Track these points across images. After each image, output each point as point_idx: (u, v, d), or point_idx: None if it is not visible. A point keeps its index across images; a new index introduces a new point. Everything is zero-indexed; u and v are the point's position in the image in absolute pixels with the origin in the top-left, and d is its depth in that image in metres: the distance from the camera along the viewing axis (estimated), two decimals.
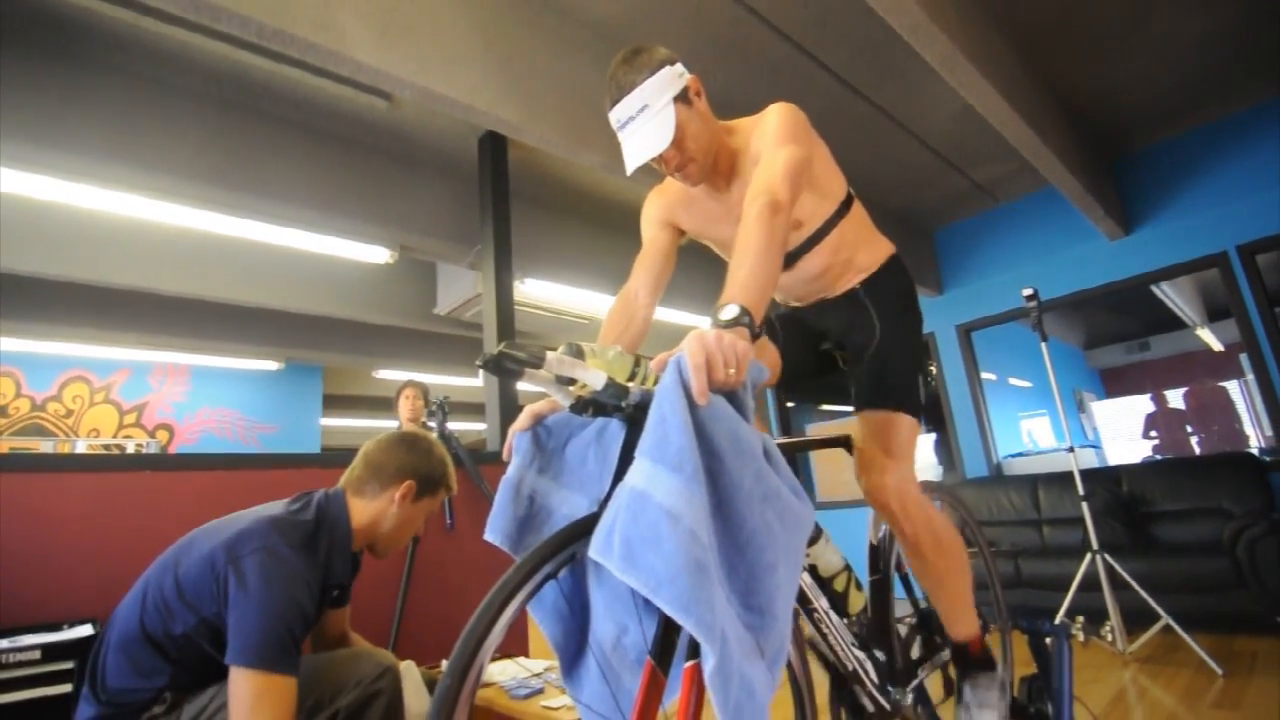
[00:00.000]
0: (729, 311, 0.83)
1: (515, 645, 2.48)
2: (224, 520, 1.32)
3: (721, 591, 0.73)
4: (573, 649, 0.99)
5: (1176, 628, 2.68)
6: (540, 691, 1.64)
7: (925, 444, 5.13)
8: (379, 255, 3.56)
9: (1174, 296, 6.65)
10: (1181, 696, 2.33)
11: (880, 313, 1.38)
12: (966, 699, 1.36)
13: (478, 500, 2.61)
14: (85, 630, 1.52)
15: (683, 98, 1.19)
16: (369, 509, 1.41)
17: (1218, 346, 7.94)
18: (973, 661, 1.38)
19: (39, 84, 2.48)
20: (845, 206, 1.37)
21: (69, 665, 1.40)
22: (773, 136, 1.14)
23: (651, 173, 1.32)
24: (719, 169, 1.29)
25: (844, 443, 1.44)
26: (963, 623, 1.36)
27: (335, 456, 2.44)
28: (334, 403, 7.35)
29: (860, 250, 1.41)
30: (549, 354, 0.80)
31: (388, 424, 4.31)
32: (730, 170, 1.29)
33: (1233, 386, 7.26)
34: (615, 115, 1.19)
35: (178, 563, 1.23)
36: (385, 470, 1.42)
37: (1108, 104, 3.65)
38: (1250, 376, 3.89)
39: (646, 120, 1.16)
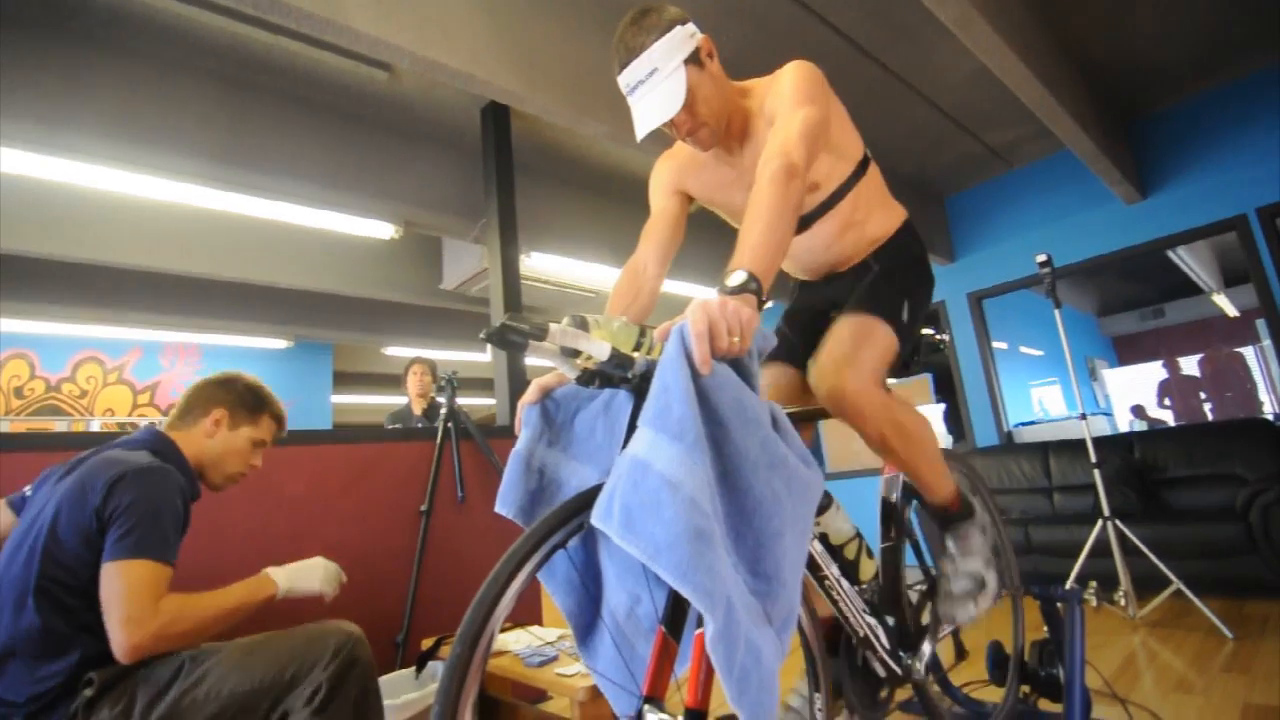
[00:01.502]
0: (736, 277, 0.82)
1: (529, 615, 2.53)
2: (60, 482, 1.29)
3: (728, 559, 0.73)
4: (586, 619, 1.00)
5: (1187, 592, 2.68)
6: (554, 659, 1.67)
7: (935, 413, 5.12)
8: (383, 231, 3.54)
9: (1190, 261, 6.54)
10: (1191, 660, 2.35)
11: (885, 264, 1.37)
12: (951, 550, 1.38)
13: (488, 473, 2.63)
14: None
15: (694, 59, 1.15)
16: (188, 439, 1.47)
17: (1233, 312, 7.83)
18: (952, 516, 1.39)
19: (38, 62, 2.46)
20: (862, 168, 1.33)
21: None
22: (789, 96, 1.10)
23: (661, 141, 1.29)
24: (732, 131, 1.25)
25: None
26: (939, 487, 1.35)
27: (348, 433, 2.46)
28: (344, 380, 7.40)
29: (874, 216, 1.37)
30: (553, 326, 0.79)
31: (397, 400, 4.33)
32: (743, 132, 1.26)
33: (1248, 353, 7.18)
34: (624, 79, 1.15)
35: (39, 532, 1.20)
36: (196, 404, 1.51)
37: (1125, 64, 3.54)
38: (1267, 342, 3.84)
39: (656, 84, 1.12)
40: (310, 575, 1.42)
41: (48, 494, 1.28)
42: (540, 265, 4.09)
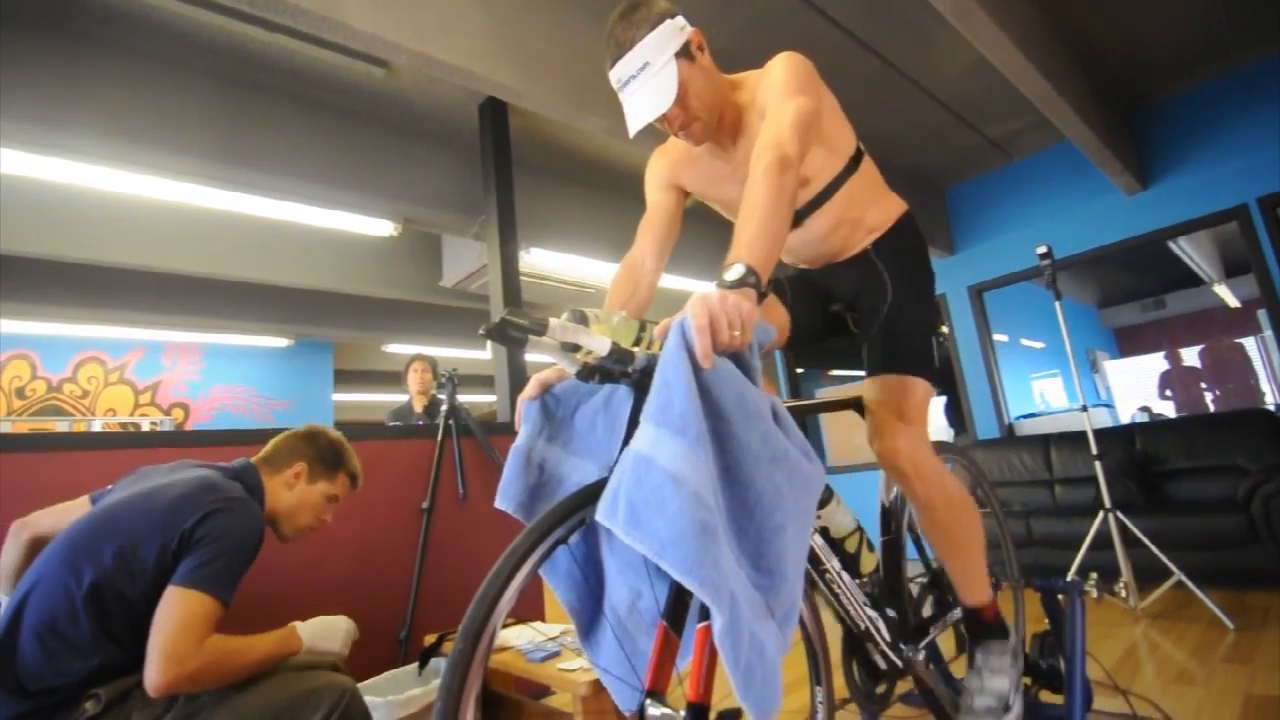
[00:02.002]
0: (734, 271, 0.81)
1: (531, 610, 2.53)
2: (153, 485, 1.30)
3: (731, 553, 0.73)
4: (588, 614, 1.00)
5: (1189, 583, 2.68)
6: (557, 655, 1.67)
7: (936, 406, 5.11)
8: (382, 228, 3.54)
9: (1191, 252, 6.52)
10: (1193, 651, 2.35)
11: (892, 274, 1.35)
12: (978, 664, 1.35)
13: (489, 470, 2.63)
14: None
15: (685, 53, 1.14)
16: (272, 483, 1.50)
17: (1234, 303, 7.82)
18: (985, 627, 1.36)
19: (34, 61, 2.45)
20: (855, 162, 1.32)
21: None
22: (779, 88, 1.10)
23: (656, 134, 1.28)
24: (724, 125, 1.25)
25: (854, 404, 1.42)
26: (976, 588, 1.35)
27: (349, 430, 2.46)
28: (345, 378, 7.40)
29: (871, 208, 1.37)
30: (552, 321, 0.79)
31: (398, 398, 4.33)
32: (736, 126, 1.25)
33: (1249, 343, 7.17)
34: (615, 75, 1.15)
35: (114, 532, 1.20)
36: (282, 454, 1.55)
37: (1125, 54, 3.53)
38: (1268, 333, 3.83)
39: (648, 79, 1.12)
40: (333, 636, 1.43)
41: (141, 490, 1.29)
42: (540, 261, 4.08)
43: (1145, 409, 7.39)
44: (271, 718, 1.21)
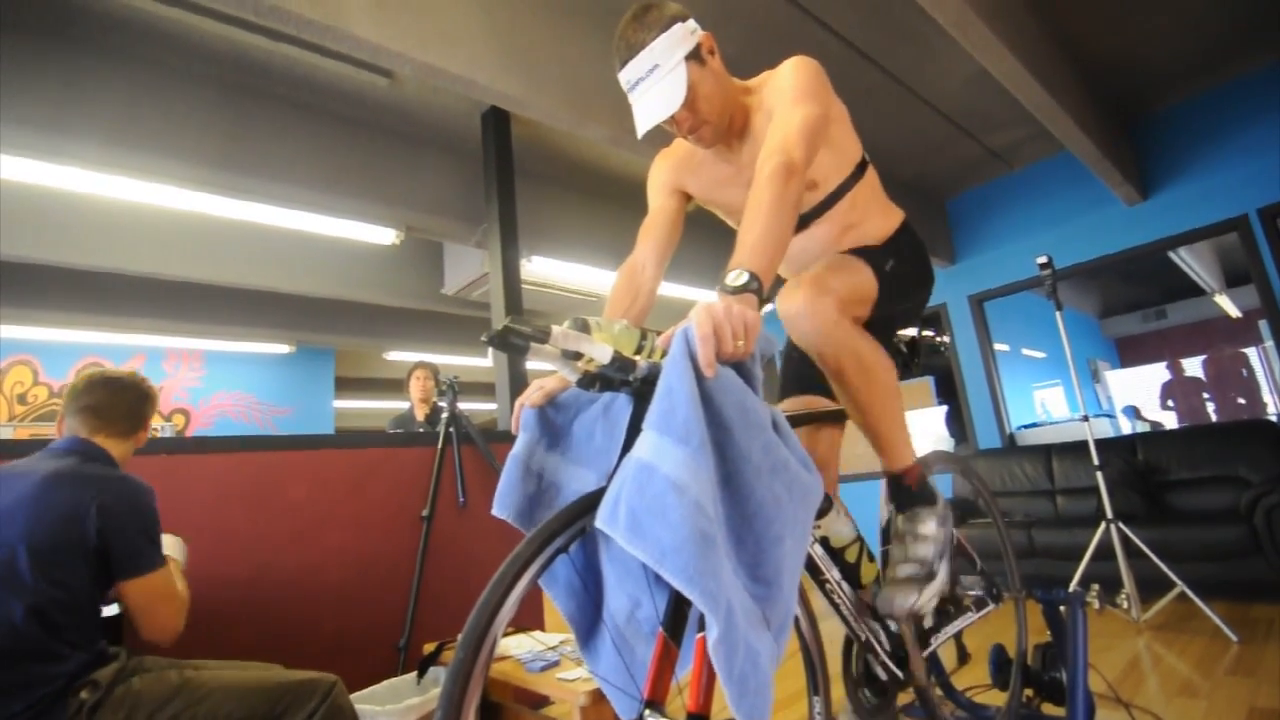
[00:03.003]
0: (737, 277, 0.81)
1: (531, 619, 2.52)
2: (15, 498, 1.27)
3: (728, 563, 0.73)
4: (587, 623, 0.99)
5: (1192, 595, 2.67)
6: (556, 664, 1.66)
7: (937, 415, 5.11)
8: (385, 236, 3.55)
9: (1192, 263, 6.53)
10: (1196, 664, 2.33)
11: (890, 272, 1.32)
12: (902, 530, 1.28)
13: (490, 478, 2.63)
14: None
15: (695, 56, 1.14)
16: (121, 448, 1.50)
17: (1236, 313, 7.82)
18: (910, 493, 1.29)
19: (39, 69, 2.47)
20: (860, 170, 1.32)
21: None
22: (789, 92, 1.10)
23: (662, 138, 1.29)
24: (732, 128, 1.25)
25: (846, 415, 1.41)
26: (897, 451, 1.26)
27: (350, 438, 2.47)
28: (346, 385, 7.40)
29: (871, 218, 1.36)
30: (554, 329, 0.79)
31: (399, 405, 4.33)
32: (743, 129, 1.25)
33: (1252, 354, 7.16)
34: (625, 76, 1.15)
35: (18, 552, 1.20)
36: (131, 414, 1.53)
37: (1125, 64, 3.55)
38: (1270, 343, 3.83)
39: (657, 80, 1.12)
40: (175, 546, 1.55)
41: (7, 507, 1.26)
42: (541, 270, 4.09)
43: (1134, 408, 7.37)
44: (271, 703, 1.32)
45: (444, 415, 2.58)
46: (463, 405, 2.68)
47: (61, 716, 1.17)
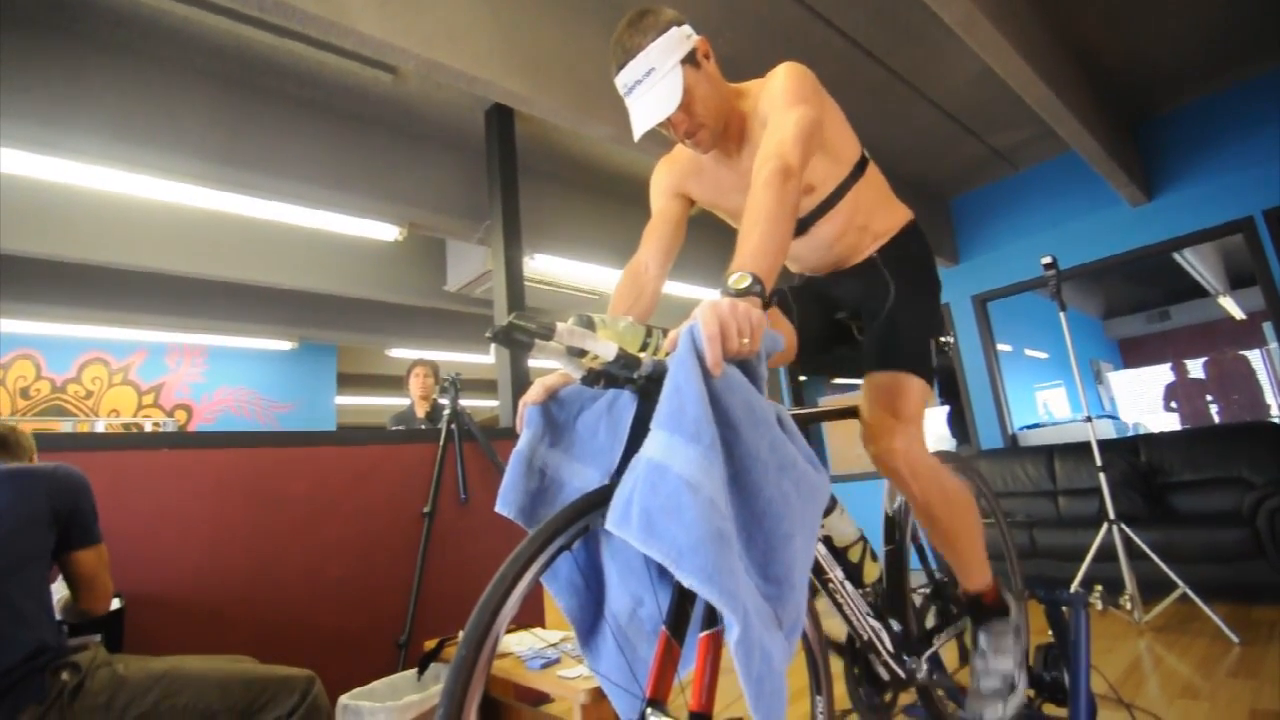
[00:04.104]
0: (740, 280, 0.81)
1: (532, 617, 2.52)
2: None
3: (740, 563, 0.72)
4: (589, 621, 0.99)
5: (1194, 597, 2.66)
6: (556, 662, 1.66)
7: (939, 416, 5.10)
8: (388, 233, 3.55)
9: (1196, 264, 6.51)
10: (1198, 665, 2.33)
11: (896, 276, 1.35)
12: (982, 645, 1.36)
13: (491, 475, 2.63)
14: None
15: (690, 60, 1.15)
16: None
17: (1240, 315, 7.80)
18: (987, 610, 1.37)
19: (43, 63, 2.47)
20: (859, 169, 1.33)
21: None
22: (781, 98, 1.11)
23: (659, 141, 1.29)
24: (730, 134, 1.25)
25: (856, 412, 1.41)
26: (976, 575, 1.35)
27: (351, 434, 2.47)
28: (348, 381, 7.40)
29: (876, 216, 1.37)
30: (559, 325, 0.79)
31: (401, 402, 4.33)
32: (741, 135, 1.26)
33: (1254, 356, 7.14)
34: (621, 80, 1.16)
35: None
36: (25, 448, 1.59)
37: (1131, 66, 3.53)
38: (1273, 345, 3.82)
39: (653, 84, 1.13)
40: None
41: None
42: (544, 267, 4.09)
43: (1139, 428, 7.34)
44: (251, 696, 1.34)
45: (445, 412, 2.58)
46: (464, 402, 2.68)
47: (41, 695, 1.19)
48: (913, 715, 1.86)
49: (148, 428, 5.43)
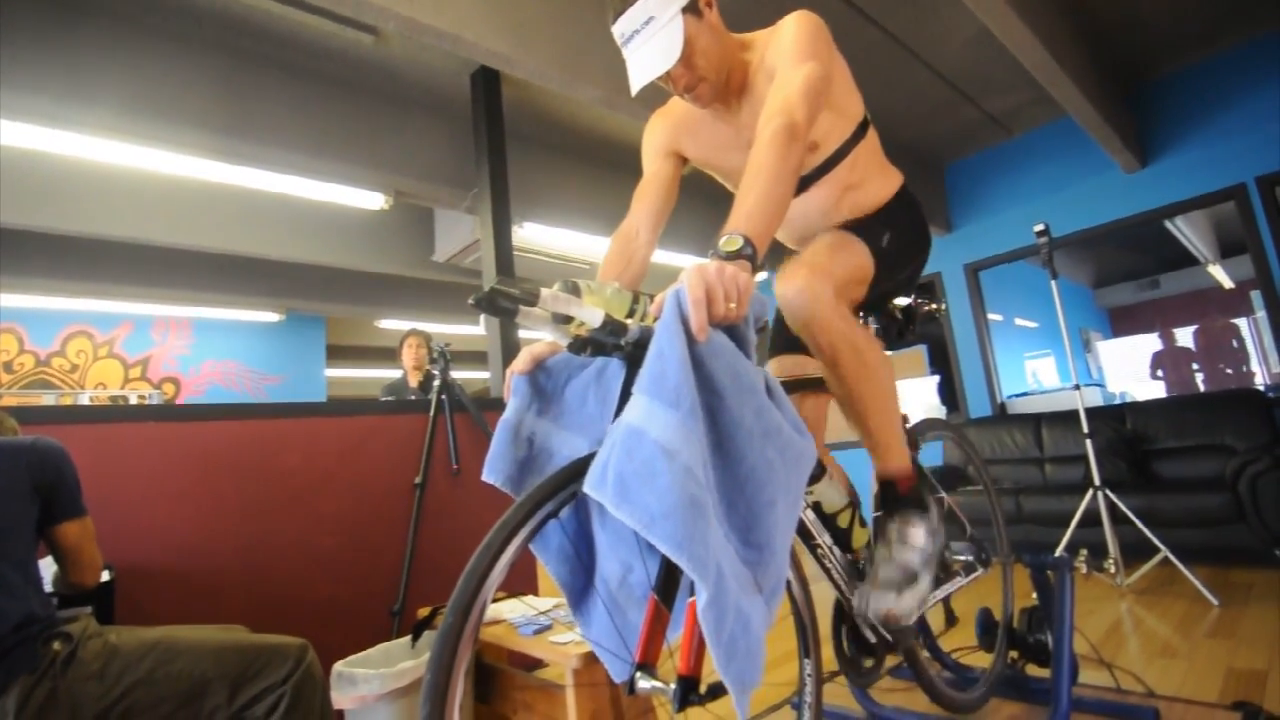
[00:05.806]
0: (731, 242, 0.79)
1: (524, 585, 2.54)
2: None
3: (719, 528, 0.72)
4: (579, 588, 1.00)
5: (1174, 560, 2.72)
6: (548, 628, 1.68)
7: (929, 385, 5.13)
8: (373, 201, 3.48)
9: (1187, 232, 6.51)
10: (1177, 626, 2.39)
11: (885, 228, 1.29)
12: (889, 534, 1.22)
13: (482, 445, 2.61)
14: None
15: (692, 8, 1.10)
16: None
17: (1229, 284, 7.84)
18: (901, 499, 1.25)
19: (16, 28, 2.37)
20: (862, 130, 1.29)
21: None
22: (790, 51, 1.06)
23: (656, 96, 1.24)
24: (730, 86, 1.20)
25: None
26: (891, 453, 1.23)
27: (342, 405, 2.45)
28: (338, 353, 7.36)
29: (871, 181, 1.33)
30: (544, 291, 0.77)
31: (392, 373, 4.31)
32: (742, 87, 1.21)
33: (1242, 324, 7.20)
34: (619, 29, 1.11)
35: None
36: None
37: (1128, 29, 3.48)
38: (1261, 313, 3.84)
39: (652, 34, 1.07)
40: None
41: None
42: (533, 236, 4.04)
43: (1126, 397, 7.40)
44: (245, 664, 1.35)
45: (436, 383, 2.57)
46: (455, 373, 2.66)
47: (33, 664, 1.20)
48: (899, 677, 1.90)
49: (133, 400, 5.38)
